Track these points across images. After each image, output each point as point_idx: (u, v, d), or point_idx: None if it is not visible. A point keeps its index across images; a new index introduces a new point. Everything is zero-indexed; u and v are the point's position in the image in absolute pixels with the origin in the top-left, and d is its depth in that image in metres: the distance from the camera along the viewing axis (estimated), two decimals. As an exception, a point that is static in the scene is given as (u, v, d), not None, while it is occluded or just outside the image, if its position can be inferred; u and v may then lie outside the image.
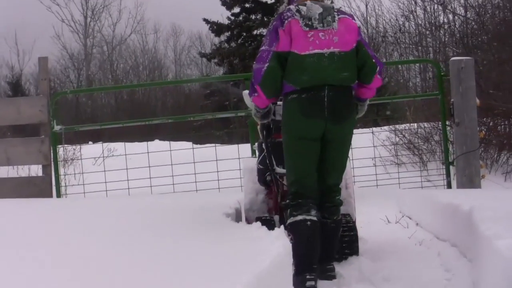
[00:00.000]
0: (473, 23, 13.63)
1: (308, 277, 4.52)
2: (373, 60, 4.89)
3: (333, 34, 4.73)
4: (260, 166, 5.69)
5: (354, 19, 5.00)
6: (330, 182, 4.96)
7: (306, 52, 4.67)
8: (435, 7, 19.86)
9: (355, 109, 5.02)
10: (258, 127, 5.80)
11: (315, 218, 4.73)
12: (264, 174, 5.67)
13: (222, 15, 32.25)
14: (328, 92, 4.68)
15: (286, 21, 4.74)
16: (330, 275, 4.84)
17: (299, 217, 4.70)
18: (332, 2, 18.46)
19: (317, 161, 4.85)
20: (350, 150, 5.26)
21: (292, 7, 4.84)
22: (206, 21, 32.44)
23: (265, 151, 5.54)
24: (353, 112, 4.95)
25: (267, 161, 5.46)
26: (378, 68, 4.91)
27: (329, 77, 4.69)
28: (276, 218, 5.63)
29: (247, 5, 32.01)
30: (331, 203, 4.96)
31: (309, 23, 4.73)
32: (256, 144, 6.24)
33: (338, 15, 4.84)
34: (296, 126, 4.78)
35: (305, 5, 4.80)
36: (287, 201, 4.87)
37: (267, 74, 4.72)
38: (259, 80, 4.74)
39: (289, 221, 4.75)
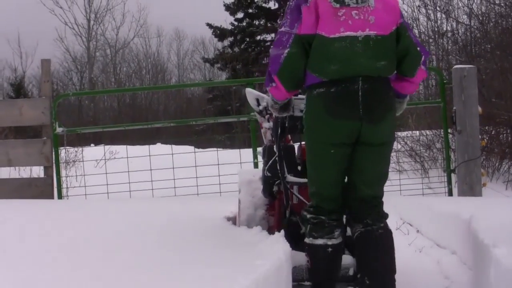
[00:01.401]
0: (476, 32, 13.65)
1: None
2: (418, 49, 3.99)
3: (369, 13, 3.82)
4: (267, 174, 4.86)
5: None
6: (369, 194, 4.04)
7: (336, 35, 3.78)
8: (439, 15, 19.87)
9: (394, 104, 4.05)
10: (262, 130, 5.21)
11: (338, 241, 4.04)
12: (272, 184, 4.88)
13: (225, 20, 32.44)
14: (362, 85, 3.79)
15: None
16: None
17: (319, 241, 4.01)
18: None
19: (345, 169, 4.02)
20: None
21: None
22: (210, 26, 32.57)
23: (276, 155, 4.77)
24: (393, 109, 4.01)
25: (278, 167, 4.70)
26: (423, 58, 4.02)
27: (363, 67, 3.80)
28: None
29: (250, 11, 32.16)
30: (371, 210, 4.05)
31: None
32: (261, 148, 5.33)
33: None
34: (322, 129, 3.89)
35: None
36: (306, 213, 4.14)
37: (287, 62, 3.86)
38: (277, 69, 3.89)
39: (307, 241, 4.09)
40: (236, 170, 8.91)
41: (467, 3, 14.15)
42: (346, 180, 4.21)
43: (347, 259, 4.50)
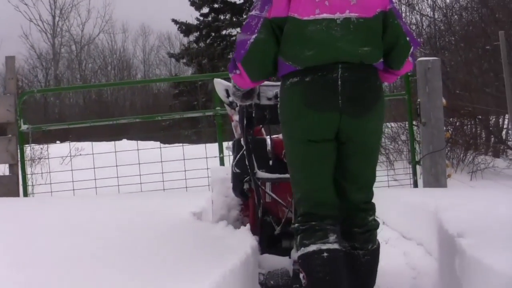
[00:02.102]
0: (440, 24, 13.75)
1: None
2: (408, 38, 3.53)
3: None
4: (236, 170, 4.54)
5: None
6: (356, 198, 3.53)
7: (310, 17, 3.31)
8: (403, 8, 20.02)
9: (382, 95, 3.54)
10: (233, 123, 4.89)
11: (335, 246, 3.38)
12: (242, 181, 4.54)
13: (191, 15, 32.56)
14: (342, 73, 3.31)
15: None
16: None
17: (312, 247, 3.35)
18: None
19: (333, 168, 3.51)
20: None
21: None
22: (175, 21, 32.59)
23: (243, 149, 4.42)
24: (379, 100, 3.47)
25: (247, 163, 4.33)
26: (412, 49, 3.57)
27: (343, 52, 3.31)
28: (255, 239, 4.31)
29: (215, 6, 32.23)
30: (360, 228, 3.51)
31: None
32: (231, 143, 4.98)
33: None
34: (298, 124, 3.43)
35: None
36: (296, 224, 3.56)
37: (254, 49, 3.40)
38: (242, 56, 3.43)
39: (299, 253, 3.43)
40: (203, 163, 8.99)
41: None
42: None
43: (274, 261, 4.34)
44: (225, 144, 8.92)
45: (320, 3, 3.31)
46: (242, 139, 4.45)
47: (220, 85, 4.47)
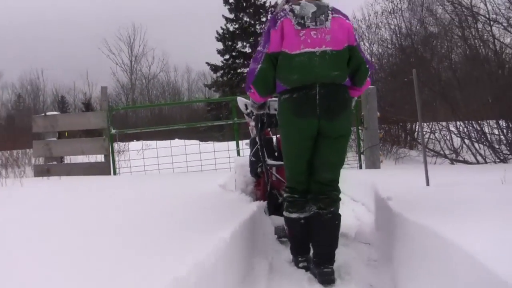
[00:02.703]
0: (376, 65, 13.73)
1: (300, 259, 3.51)
2: (367, 66, 3.44)
3: (326, 32, 3.26)
4: (252, 159, 4.52)
5: (348, 19, 3.45)
6: (326, 177, 3.40)
7: (296, 51, 3.25)
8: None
9: (350, 104, 3.44)
10: (250, 127, 4.72)
11: (309, 214, 3.45)
12: (256, 166, 4.53)
13: (218, 59, 32.29)
14: (319, 90, 3.23)
15: (279, 21, 3.32)
16: (330, 279, 3.25)
17: (294, 215, 3.47)
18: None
19: (309, 159, 3.44)
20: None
21: (286, 6, 3.41)
22: (208, 63, 32.45)
23: (258, 144, 4.42)
24: (347, 108, 3.37)
25: (260, 154, 4.35)
26: (369, 72, 3.48)
27: (320, 76, 3.24)
28: (264, 204, 4.45)
29: (234, 54, 32.07)
30: (326, 196, 3.40)
31: (302, 21, 3.27)
32: (249, 140, 4.86)
33: (332, 14, 3.35)
34: (290, 127, 3.37)
35: (299, 4, 3.35)
36: (284, 193, 3.62)
37: (259, 75, 3.39)
38: (252, 80, 3.43)
39: (285, 214, 3.55)
40: (225, 155, 8.99)
41: (368, 46, 14.20)
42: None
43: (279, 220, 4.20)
44: (241, 142, 8.97)
45: (304, 41, 3.23)
46: (256, 138, 4.41)
47: (241, 101, 4.37)
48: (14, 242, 2.84)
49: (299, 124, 3.29)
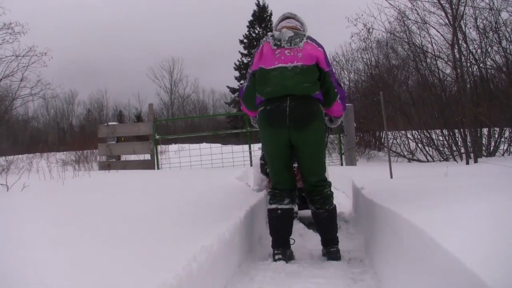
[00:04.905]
0: (353, 88, 13.69)
1: (275, 251, 2.92)
2: (335, 90, 2.98)
3: (298, 51, 2.88)
4: (261, 161, 4.22)
5: (320, 47, 2.96)
6: (312, 180, 2.97)
7: (271, 67, 2.88)
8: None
9: (318, 116, 2.89)
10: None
11: (287, 207, 2.98)
12: (264, 167, 4.19)
13: (235, 84, 32.31)
14: (290, 103, 2.82)
15: (261, 45, 2.99)
16: (336, 256, 2.94)
17: (273, 206, 2.98)
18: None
19: (289, 161, 2.99)
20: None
21: (270, 33, 3.06)
22: (228, 87, 32.57)
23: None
24: (315, 119, 2.86)
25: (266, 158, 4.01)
26: (338, 96, 3.00)
27: (290, 88, 2.82)
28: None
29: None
30: (318, 196, 2.98)
31: (278, 43, 2.92)
32: (261, 145, 4.33)
33: (307, 40, 2.95)
34: (264, 134, 2.96)
35: (280, 31, 3.02)
36: (269, 190, 3.13)
37: (246, 92, 3.06)
38: (241, 96, 3.14)
39: (268, 206, 3.07)
40: (240, 155, 8.97)
41: (347, 74, 14.18)
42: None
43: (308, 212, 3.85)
44: (253, 145, 8.98)
45: (278, 58, 2.87)
46: None
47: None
48: (87, 218, 2.81)
49: (271, 133, 2.90)
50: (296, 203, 3.86)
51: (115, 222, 2.55)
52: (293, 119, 2.83)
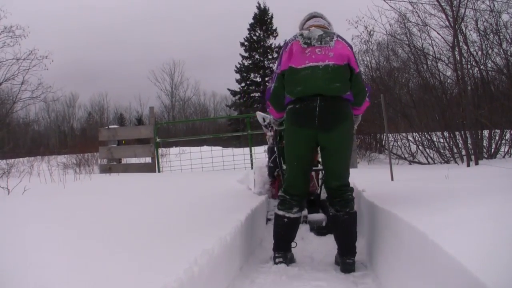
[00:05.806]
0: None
1: (276, 254, 2.90)
2: (366, 89, 2.91)
3: (329, 50, 2.76)
4: (271, 165, 4.16)
5: (350, 47, 2.88)
6: (335, 184, 2.83)
7: (302, 66, 2.76)
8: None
9: (348, 117, 2.80)
10: (267, 137, 4.17)
11: (294, 216, 2.91)
12: (274, 171, 4.17)
13: (236, 86, 32.40)
14: (320, 103, 2.72)
15: (289, 44, 2.85)
16: (350, 269, 2.77)
17: (281, 213, 2.91)
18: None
19: (308, 165, 2.93)
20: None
21: (297, 32, 2.92)
22: (229, 89, 32.63)
23: (275, 154, 3.99)
24: (345, 121, 2.77)
25: (277, 161, 3.87)
26: (368, 93, 2.94)
27: (321, 88, 2.72)
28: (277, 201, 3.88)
29: (248, 82, 32.18)
30: (340, 198, 2.83)
31: (308, 41, 2.79)
32: (266, 148, 4.44)
33: (337, 38, 2.84)
34: (291, 134, 2.85)
35: (309, 30, 2.86)
36: (280, 193, 3.01)
37: (273, 93, 2.91)
38: (268, 97, 2.98)
39: (275, 210, 2.99)
40: (241, 158, 8.96)
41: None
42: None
43: (320, 216, 3.86)
44: (253, 148, 8.97)
45: (309, 57, 2.76)
46: (274, 147, 3.98)
47: (259, 115, 3.88)
48: (86, 218, 2.82)
49: (298, 133, 2.79)
50: (305, 207, 3.80)
51: (116, 225, 2.55)
52: (323, 119, 2.73)
